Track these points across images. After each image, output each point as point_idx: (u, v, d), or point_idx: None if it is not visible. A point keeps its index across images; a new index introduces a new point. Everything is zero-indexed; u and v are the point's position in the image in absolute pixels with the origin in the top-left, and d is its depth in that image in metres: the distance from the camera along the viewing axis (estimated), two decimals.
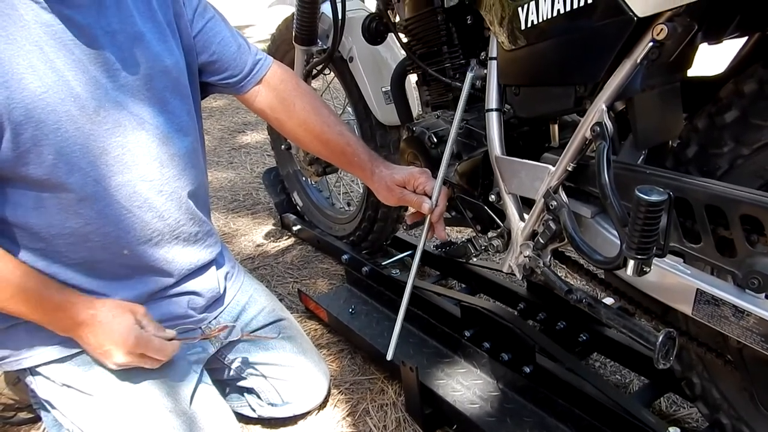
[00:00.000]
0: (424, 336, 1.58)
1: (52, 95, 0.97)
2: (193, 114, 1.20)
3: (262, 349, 1.37)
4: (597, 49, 0.88)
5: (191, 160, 1.19)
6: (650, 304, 1.02)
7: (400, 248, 2.05)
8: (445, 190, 1.21)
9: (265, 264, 2.15)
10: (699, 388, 1.05)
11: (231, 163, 3.14)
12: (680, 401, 1.39)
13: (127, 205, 1.09)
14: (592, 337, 1.46)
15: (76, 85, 1.00)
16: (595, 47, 0.88)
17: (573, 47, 0.92)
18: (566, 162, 0.99)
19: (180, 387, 1.18)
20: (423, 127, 1.32)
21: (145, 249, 1.15)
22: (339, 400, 1.48)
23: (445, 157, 1.17)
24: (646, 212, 0.79)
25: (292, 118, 1.30)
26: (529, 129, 1.21)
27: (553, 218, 1.04)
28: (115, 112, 1.05)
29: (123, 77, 1.06)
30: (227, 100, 4.27)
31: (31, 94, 0.95)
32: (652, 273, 0.87)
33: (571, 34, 0.91)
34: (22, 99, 0.94)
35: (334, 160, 1.36)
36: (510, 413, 1.30)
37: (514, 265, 1.17)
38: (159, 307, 1.20)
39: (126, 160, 1.08)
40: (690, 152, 0.94)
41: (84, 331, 1.06)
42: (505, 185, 1.14)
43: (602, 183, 0.89)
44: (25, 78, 0.94)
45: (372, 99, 1.68)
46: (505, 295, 1.66)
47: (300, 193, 2.28)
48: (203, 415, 1.18)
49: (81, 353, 1.13)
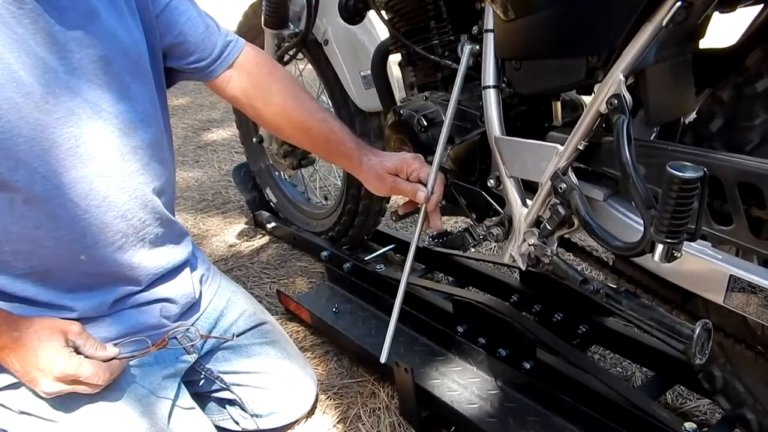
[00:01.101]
0: (414, 334, 1.49)
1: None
2: (156, 102, 1.07)
3: (244, 357, 1.26)
4: (616, 11, 0.80)
5: (156, 153, 1.07)
6: (668, 293, 0.95)
7: (381, 242, 1.95)
8: (441, 176, 1.12)
9: (240, 265, 2.03)
10: (720, 382, 0.98)
11: (197, 161, 3.00)
12: (686, 393, 1.32)
13: (83, 204, 0.96)
14: (592, 328, 1.38)
15: (18, 69, 0.86)
16: (613, 10, 0.80)
17: (586, 11, 0.83)
18: (577, 140, 0.91)
19: (155, 405, 1.06)
20: (411, 109, 1.22)
21: (106, 254, 1.02)
22: (328, 407, 1.38)
23: (441, 140, 1.07)
24: (680, 190, 0.71)
25: (269, 105, 1.19)
26: (527, 108, 1.13)
27: (561, 202, 0.96)
28: (67, 99, 0.92)
29: (76, 59, 0.93)
30: (190, 97, 4.11)
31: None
32: (678, 259, 0.80)
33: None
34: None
35: (317, 150, 1.26)
36: (512, 413, 1.22)
37: (516, 255, 1.09)
38: (128, 317, 1.08)
39: (80, 153, 0.95)
40: (714, 126, 0.86)
41: (9, 356, 0.93)
42: (505, 168, 1.05)
43: (623, 161, 0.81)
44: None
45: (350, 84, 1.58)
46: (497, 287, 1.58)
47: (273, 188, 2.17)
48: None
49: None
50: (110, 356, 0.99)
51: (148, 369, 1.10)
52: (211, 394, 1.29)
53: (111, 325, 1.07)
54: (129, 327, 1.07)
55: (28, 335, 0.93)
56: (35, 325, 0.95)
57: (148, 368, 1.10)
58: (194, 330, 1.15)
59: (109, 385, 1.00)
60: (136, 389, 1.06)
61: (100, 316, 1.06)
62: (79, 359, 0.94)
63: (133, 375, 1.08)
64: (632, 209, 0.93)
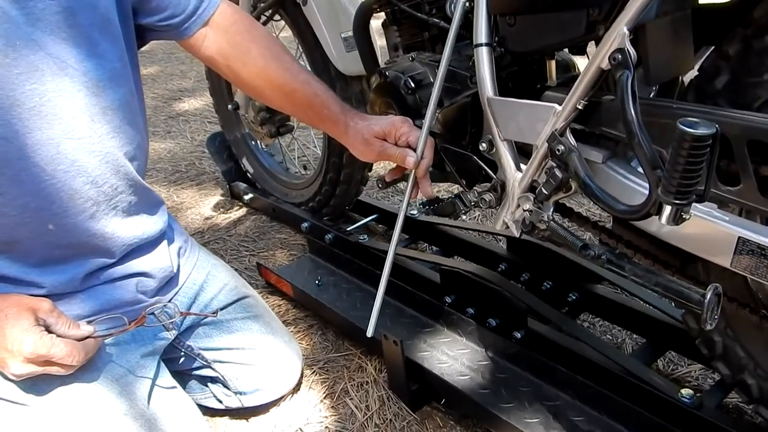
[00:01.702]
0: (400, 305, 1.45)
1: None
2: (126, 61, 1.00)
3: (226, 332, 1.21)
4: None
5: (127, 115, 0.99)
6: (669, 257, 0.92)
7: (363, 212, 1.90)
8: (431, 140, 1.07)
9: (217, 238, 1.97)
10: (720, 347, 0.95)
11: (169, 132, 2.91)
12: (677, 359, 1.31)
13: (49, 168, 0.89)
14: (582, 295, 1.36)
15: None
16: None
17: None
18: (576, 99, 0.86)
19: (134, 385, 1.01)
20: (397, 71, 1.17)
21: (76, 223, 0.95)
22: (314, 382, 1.34)
23: (432, 103, 1.02)
24: (691, 148, 0.67)
25: (247, 65, 1.12)
26: (518, 69, 1.08)
27: (558, 165, 0.91)
28: (30, 52, 0.84)
29: (39, 9, 0.84)
30: (159, 66, 3.98)
31: None
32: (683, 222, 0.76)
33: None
34: None
35: (300, 114, 1.19)
36: (504, 383, 1.19)
37: (509, 222, 1.04)
38: (101, 293, 1.02)
39: (45, 112, 0.87)
40: (719, 83, 0.82)
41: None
42: (499, 131, 1.00)
43: (628, 119, 0.76)
44: None
45: (330, 47, 1.51)
46: (483, 256, 1.55)
47: (250, 158, 2.10)
48: (164, 415, 1.02)
49: None
50: (84, 335, 0.93)
51: (124, 347, 1.04)
52: (192, 371, 1.23)
53: (84, 302, 1.00)
54: (103, 303, 1.01)
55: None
56: (1, 303, 0.88)
57: (124, 347, 1.04)
58: (173, 306, 1.09)
59: (83, 366, 0.94)
60: (112, 369, 1.00)
61: (72, 292, 0.99)
62: (51, 338, 0.88)
63: (109, 354, 1.02)
64: (632, 171, 0.90)
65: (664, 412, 1.03)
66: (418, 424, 1.21)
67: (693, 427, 1.00)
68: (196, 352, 1.20)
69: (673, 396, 1.01)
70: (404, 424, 1.21)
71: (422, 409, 1.25)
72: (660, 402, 1.03)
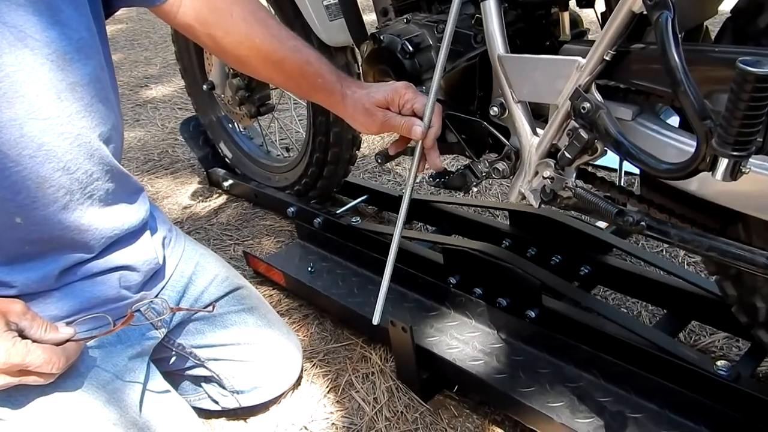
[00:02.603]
0: (402, 289, 1.36)
1: None
2: (94, 30, 0.88)
3: (220, 328, 1.11)
4: None
5: (99, 92, 0.88)
6: (707, 219, 0.84)
7: (351, 194, 1.80)
8: (439, 107, 0.97)
9: (197, 228, 1.86)
10: (764, 314, 0.89)
11: (137, 120, 2.76)
12: (698, 329, 1.25)
13: (12, 153, 0.78)
14: (594, 268, 1.29)
15: None
16: None
17: None
18: (603, 49, 0.78)
19: (123, 391, 0.91)
20: (393, 34, 1.07)
21: (47, 215, 0.84)
22: (315, 376, 1.25)
23: (440, 64, 0.92)
24: (754, 90, 0.58)
25: (230, 32, 1.00)
26: (525, 25, 0.99)
27: (583, 125, 0.83)
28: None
29: None
30: (122, 53, 3.80)
31: None
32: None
33: None
34: None
35: (291, 85, 1.08)
36: (521, 366, 1.12)
37: (527, 191, 0.96)
38: (80, 290, 0.91)
39: (4, 90, 0.76)
40: (763, 22, 0.74)
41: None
42: (512, 92, 0.91)
43: (672, 65, 0.68)
44: None
45: (312, 16, 1.40)
46: (485, 232, 1.46)
47: (227, 142, 1.98)
48: (158, 421, 0.92)
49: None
50: (64, 338, 0.83)
51: (110, 350, 0.93)
52: (185, 372, 1.13)
53: (61, 301, 0.90)
54: (83, 302, 0.91)
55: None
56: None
57: (110, 349, 0.94)
58: (161, 301, 0.99)
59: (65, 373, 0.84)
60: (97, 374, 0.90)
61: (47, 291, 0.88)
62: (26, 345, 0.78)
63: (92, 358, 0.91)
64: (666, 126, 0.82)
65: (698, 386, 0.96)
66: (431, 414, 1.13)
67: (731, 400, 0.93)
68: (188, 351, 1.10)
69: (708, 369, 0.94)
70: (417, 415, 1.13)
71: (434, 398, 1.17)
72: (694, 376, 0.96)
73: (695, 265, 1.42)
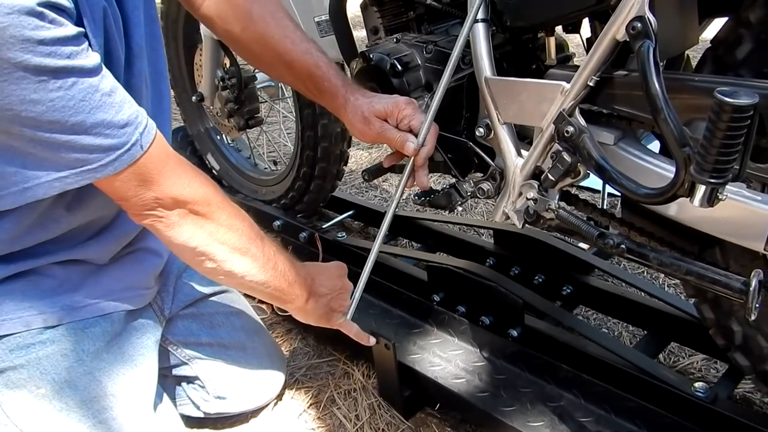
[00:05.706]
0: (386, 306, 1.36)
1: None
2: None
3: (207, 327, 1.12)
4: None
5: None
6: (685, 243, 0.86)
7: (338, 209, 1.81)
8: (436, 127, 0.98)
9: None
10: (739, 337, 0.90)
11: None
12: (677, 350, 1.26)
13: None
14: (577, 288, 1.30)
15: None
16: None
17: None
18: (587, 75, 0.80)
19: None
20: (382, 53, 1.08)
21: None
22: (297, 390, 1.24)
23: (444, 81, 0.92)
24: (731, 120, 0.61)
25: (247, 29, 1.03)
26: (512, 48, 1.01)
27: (566, 148, 0.84)
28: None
29: None
30: None
31: None
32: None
33: None
34: None
35: (298, 85, 1.10)
36: (503, 385, 1.12)
37: (510, 212, 0.97)
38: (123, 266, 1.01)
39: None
40: (741, 53, 0.77)
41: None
42: (498, 113, 0.93)
43: (653, 93, 0.70)
44: None
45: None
46: (469, 251, 1.47)
47: (215, 154, 1.97)
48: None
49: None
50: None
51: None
52: (170, 371, 1.14)
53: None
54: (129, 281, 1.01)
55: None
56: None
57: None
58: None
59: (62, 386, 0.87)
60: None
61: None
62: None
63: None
64: (647, 151, 0.83)
65: (677, 407, 0.97)
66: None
67: (708, 421, 0.94)
68: (175, 347, 1.11)
69: (686, 390, 0.96)
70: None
71: (416, 416, 1.17)
72: (672, 397, 0.97)
73: (675, 287, 1.44)
